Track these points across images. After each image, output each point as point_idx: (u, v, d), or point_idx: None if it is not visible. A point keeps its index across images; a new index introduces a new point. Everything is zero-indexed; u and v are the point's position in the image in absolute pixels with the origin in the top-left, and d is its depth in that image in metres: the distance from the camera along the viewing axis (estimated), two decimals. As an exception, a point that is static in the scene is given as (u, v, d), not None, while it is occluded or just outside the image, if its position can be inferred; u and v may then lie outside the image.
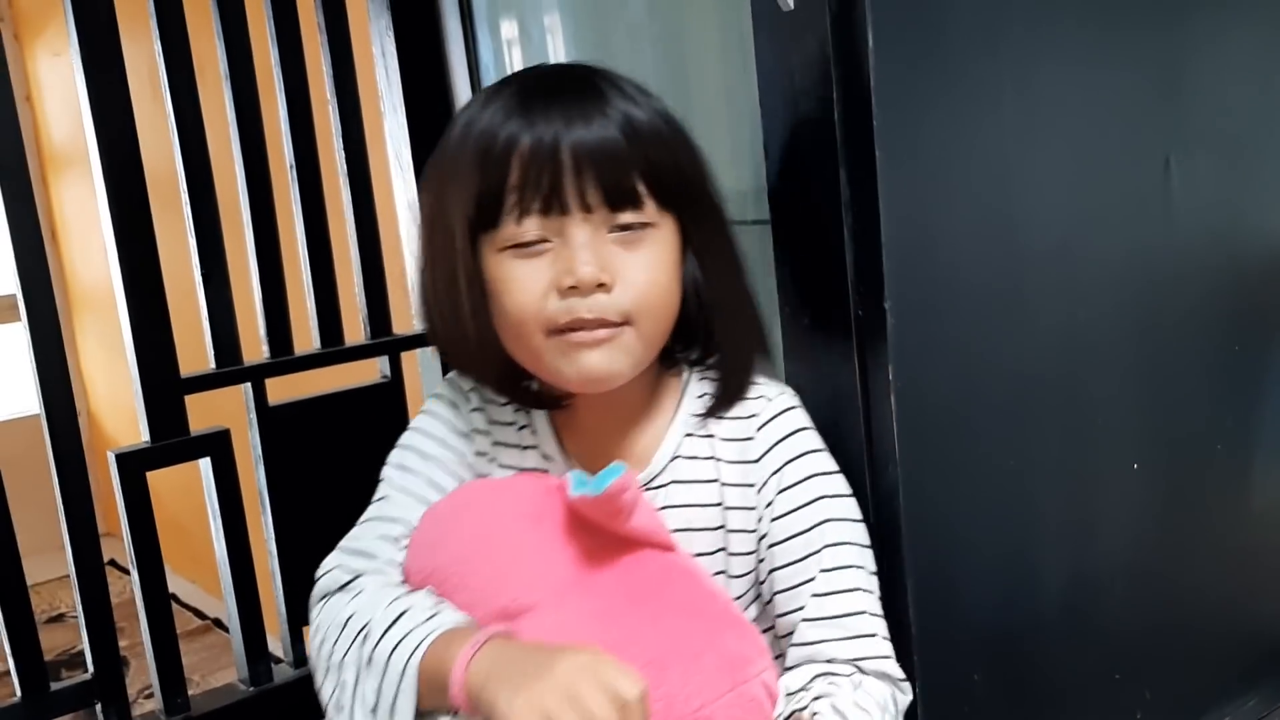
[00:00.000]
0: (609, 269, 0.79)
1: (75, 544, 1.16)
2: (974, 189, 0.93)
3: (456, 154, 0.82)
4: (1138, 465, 1.06)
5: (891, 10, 0.85)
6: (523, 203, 0.79)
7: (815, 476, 0.86)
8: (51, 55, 3.23)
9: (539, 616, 0.78)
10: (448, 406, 0.91)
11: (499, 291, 0.81)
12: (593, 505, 0.78)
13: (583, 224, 0.79)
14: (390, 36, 1.37)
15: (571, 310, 0.79)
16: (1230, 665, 1.19)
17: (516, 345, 0.83)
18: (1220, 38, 1.09)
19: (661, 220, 0.82)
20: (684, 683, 0.77)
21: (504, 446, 0.90)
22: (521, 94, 0.81)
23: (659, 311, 0.82)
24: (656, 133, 0.81)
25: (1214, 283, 1.11)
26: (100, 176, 1.15)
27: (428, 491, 0.88)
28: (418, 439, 0.90)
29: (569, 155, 0.78)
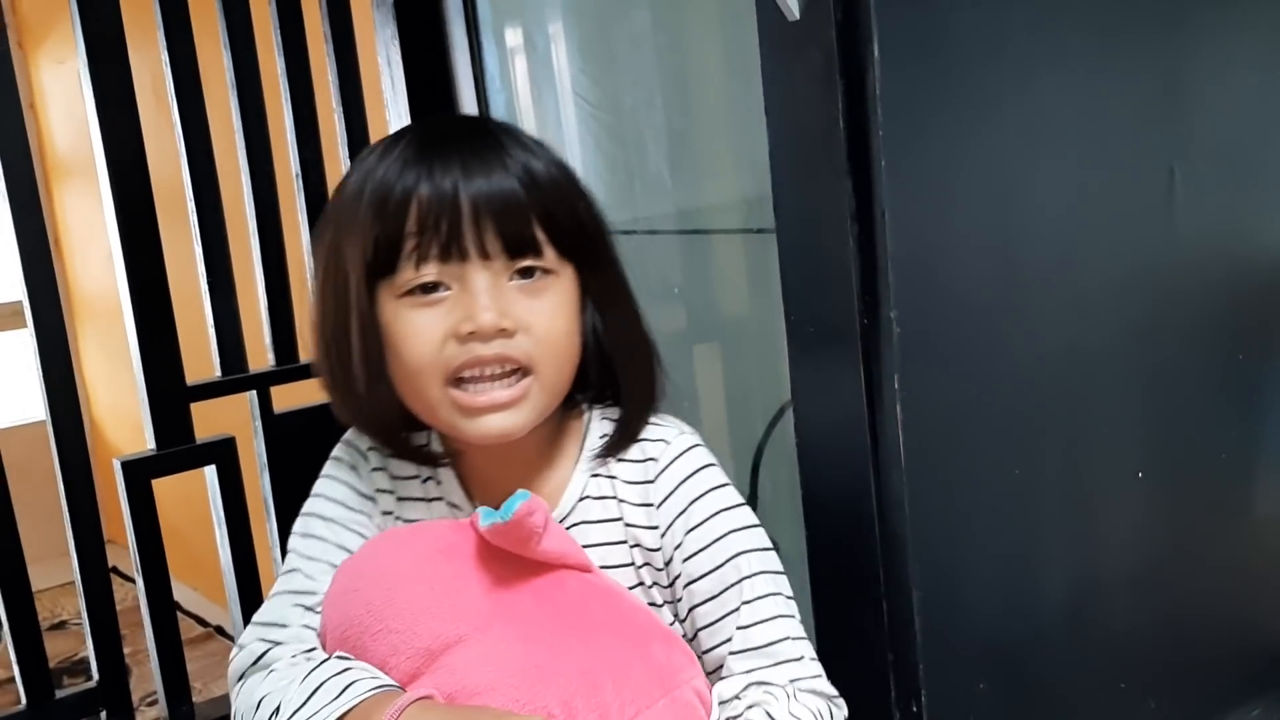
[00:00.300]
0: (510, 315, 0.79)
1: (80, 551, 1.16)
2: (978, 198, 0.93)
3: (352, 204, 0.81)
4: (1142, 474, 1.06)
5: (896, 20, 0.86)
6: (421, 248, 0.78)
7: (721, 512, 0.84)
8: (54, 63, 3.24)
9: (465, 649, 0.77)
10: (347, 470, 0.89)
11: (396, 340, 0.80)
12: (504, 532, 0.78)
13: (482, 270, 0.79)
14: (395, 45, 1.37)
15: (470, 352, 0.78)
16: (1235, 674, 1.19)
17: (414, 396, 0.82)
18: (1223, 48, 1.10)
19: (561, 269, 0.82)
20: (617, 693, 0.76)
21: (409, 501, 0.89)
22: (420, 144, 0.81)
23: (560, 359, 0.82)
24: (554, 183, 0.81)
25: (1217, 291, 1.12)
26: (107, 184, 1.15)
27: (337, 557, 0.85)
28: (321, 505, 0.88)
29: (468, 204, 0.78)
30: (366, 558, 0.84)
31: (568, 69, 1.35)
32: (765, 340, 1.19)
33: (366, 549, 0.85)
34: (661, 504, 0.85)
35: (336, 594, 0.83)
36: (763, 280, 1.15)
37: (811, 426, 0.97)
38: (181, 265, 1.22)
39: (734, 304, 1.27)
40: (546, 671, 0.76)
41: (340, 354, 0.82)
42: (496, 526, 0.77)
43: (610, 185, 1.35)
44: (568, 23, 1.33)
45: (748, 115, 1.02)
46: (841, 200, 0.88)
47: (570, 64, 1.33)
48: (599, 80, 1.32)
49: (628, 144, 1.31)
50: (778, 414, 1.18)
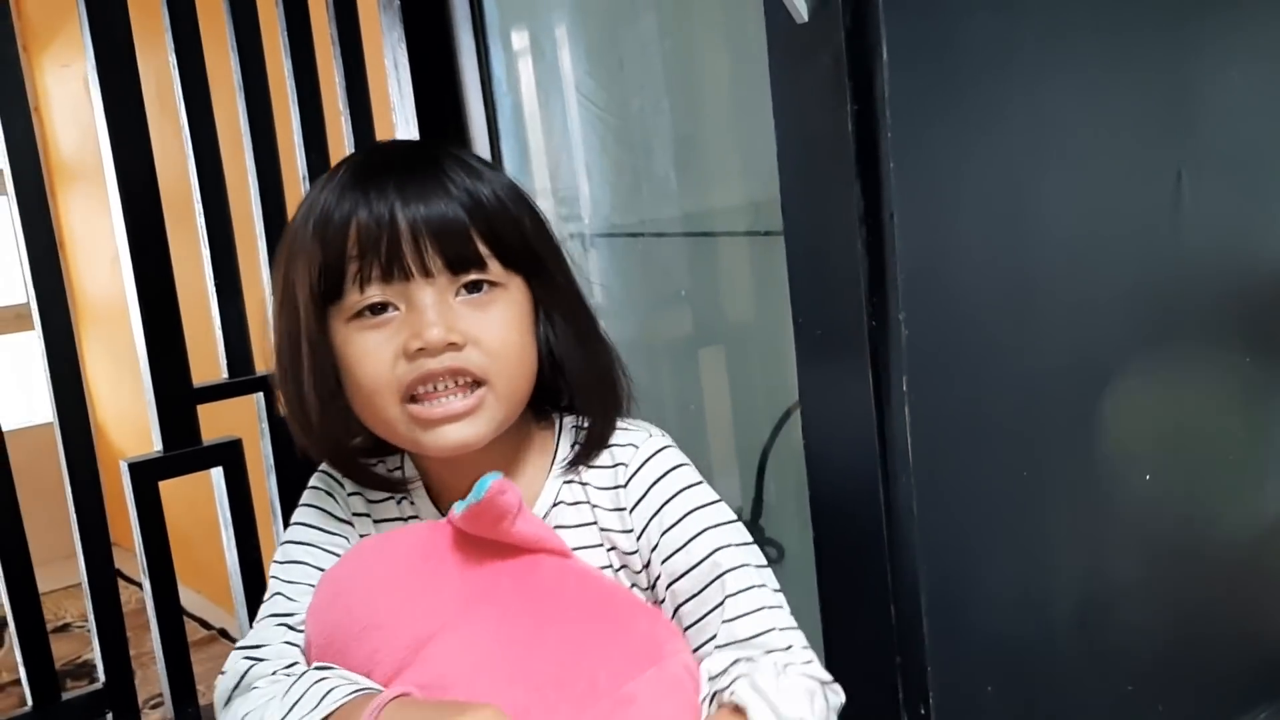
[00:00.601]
0: (457, 330, 0.80)
1: (87, 553, 1.16)
2: (986, 201, 0.93)
3: (300, 231, 0.83)
4: (1150, 477, 1.06)
5: (905, 24, 0.86)
6: (362, 270, 0.79)
7: (695, 511, 0.85)
8: (60, 67, 3.24)
9: (444, 640, 0.78)
10: (323, 496, 0.91)
11: (350, 363, 0.82)
12: (477, 514, 0.79)
13: (426, 287, 0.80)
14: (403, 49, 1.38)
15: (421, 367, 0.79)
16: (1244, 678, 1.18)
17: (372, 417, 0.83)
18: (1231, 54, 1.10)
19: (509, 281, 0.83)
20: (604, 664, 0.77)
21: (387, 523, 0.90)
22: (357, 171, 0.82)
23: (513, 370, 0.83)
24: (496, 200, 0.82)
25: (1225, 295, 1.12)
26: (114, 188, 1.15)
27: (316, 578, 0.87)
28: (298, 532, 0.90)
29: (405, 224, 0.79)
30: (346, 565, 0.86)
31: (575, 72, 1.35)
32: (772, 343, 1.19)
33: (346, 558, 0.87)
34: (634, 508, 0.86)
35: (318, 605, 0.85)
36: (770, 283, 1.15)
37: (819, 430, 0.97)
38: (188, 268, 1.22)
39: (741, 307, 1.27)
40: (529, 652, 0.77)
41: (294, 381, 0.84)
42: (471, 509, 0.78)
43: (617, 188, 1.35)
44: (575, 26, 1.34)
45: (755, 118, 1.02)
46: (850, 203, 0.88)
47: (577, 67, 1.33)
48: (606, 83, 1.32)
49: (635, 147, 1.31)
50: (784, 417, 1.18)
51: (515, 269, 0.83)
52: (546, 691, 0.76)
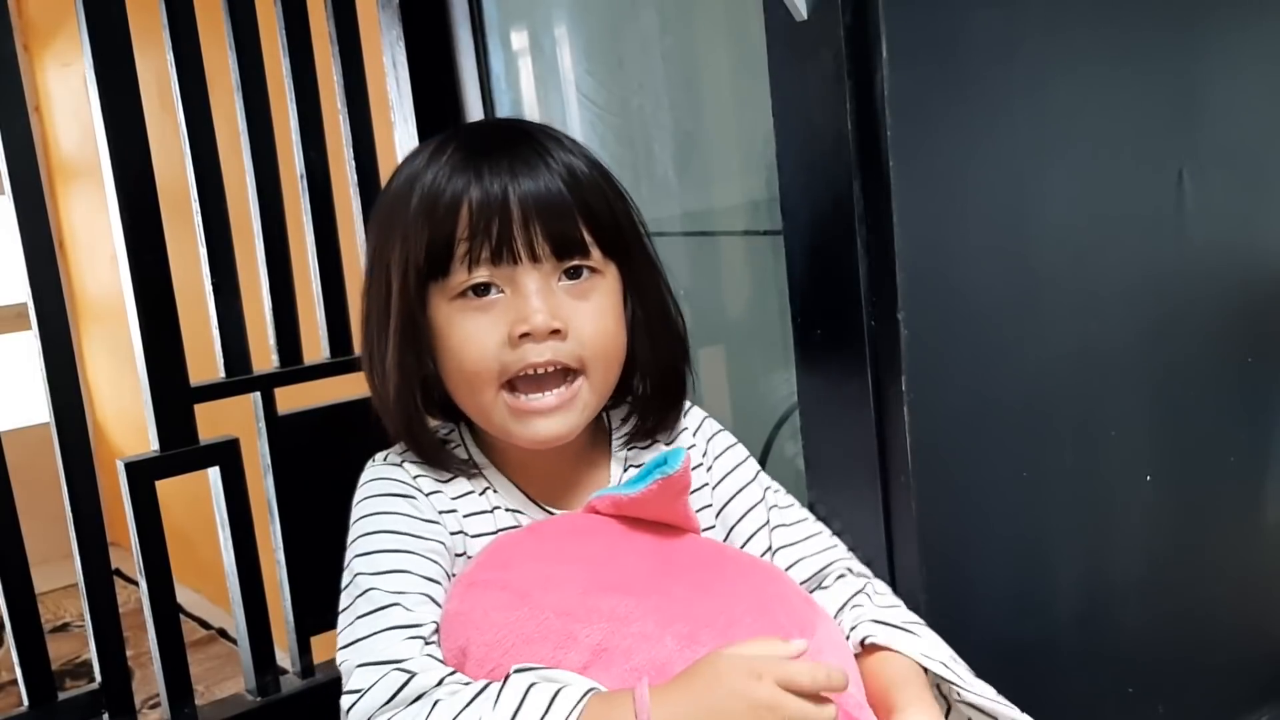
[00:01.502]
0: (561, 316, 0.80)
1: (84, 553, 1.16)
2: (987, 201, 0.93)
3: (401, 208, 0.83)
4: (1151, 477, 1.06)
5: (905, 21, 0.85)
6: (472, 251, 0.80)
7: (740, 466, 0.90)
8: (60, 66, 3.24)
9: (643, 616, 0.75)
10: (402, 501, 0.85)
11: (451, 343, 0.82)
12: (666, 486, 0.78)
13: (532, 272, 0.80)
14: (401, 47, 1.37)
15: (523, 357, 0.80)
16: (1244, 679, 1.18)
17: (468, 399, 0.83)
18: (1233, 52, 1.09)
19: (606, 268, 0.84)
20: (788, 618, 0.78)
21: (473, 516, 0.87)
22: (467, 150, 0.82)
23: (610, 358, 0.84)
24: (595, 184, 0.83)
25: (1227, 294, 1.11)
26: (112, 187, 1.15)
27: (427, 587, 0.81)
28: (389, 540, 0.83)
29: (517, 206, 0.79)
30: (497, 567, 0.80)
31: (574, 70, 1.35)
32: (772, 342, 1.18)
33: (488, 559, 0.82)
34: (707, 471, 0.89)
35: (470, 610, 0.78)
36: (770, 282, 1.15)
37: (819, 429, 0.97)
38: (186, 266, 1.22)
39: (741, 306, 1.27)
40: (723, 611, 0.77)
41: (379, 356, 0.83)
42: (660, 482, 0.78)
43: (616, 187, 1.35)
44: (574, 24, 1.33)
45: (755, 117, 1.02)
46: (850, 202, 0.88)
47: (576, 65, 1.33)
48: (605, 82, 1.32)
49: (634, 145, 1.30)
50: (784, 417, 1.18)
51: (611, 255, 0.84)
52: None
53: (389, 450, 0.90)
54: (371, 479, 0.88)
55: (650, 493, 0.78)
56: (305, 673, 1.29)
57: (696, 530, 0.85)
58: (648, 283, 0.87)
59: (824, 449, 0.97)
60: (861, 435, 0.92)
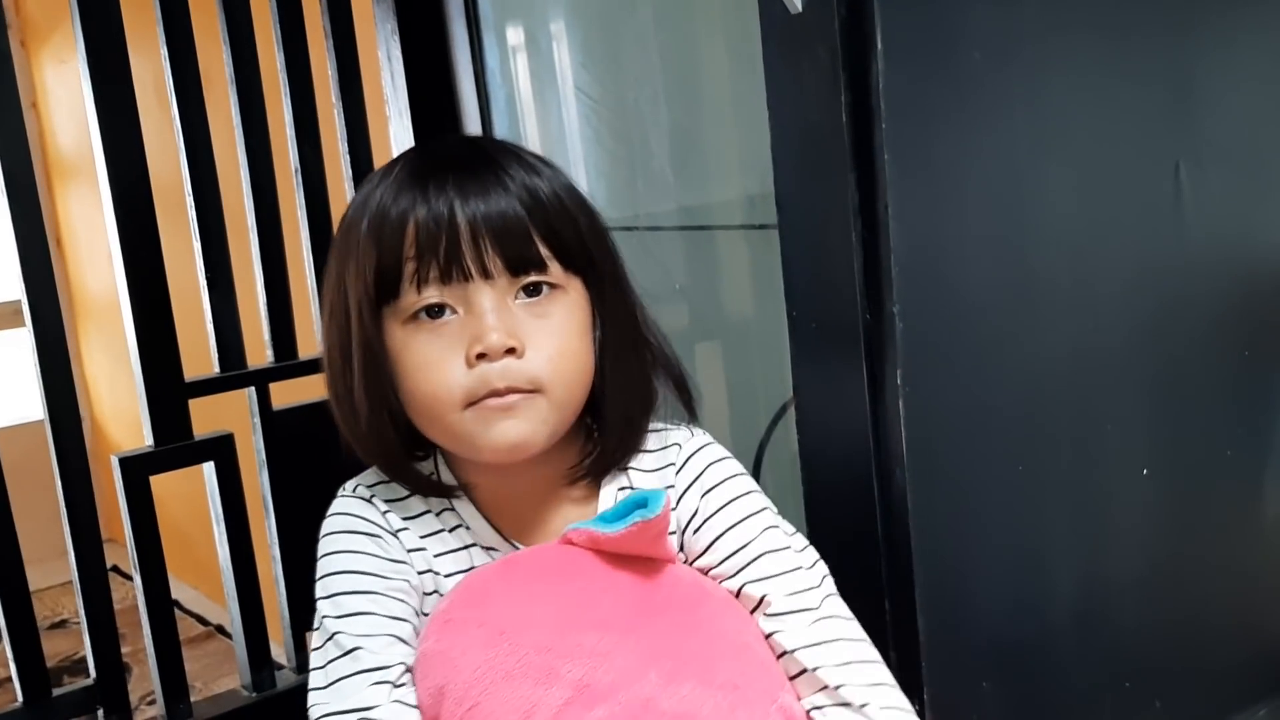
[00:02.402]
0: (517, 335, 0.78)
1: (78, 550, 1.15)
2: (983, 195, 0.92)
3: (353, 233, 0.81)
4: (1148, 471, 1.05)
5: (900, 14, 0.85)
6: (420, 270, 0.77)
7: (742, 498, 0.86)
8: (58, 62, 3.24)
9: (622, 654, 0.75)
10: (367, 540, 0.83)
11: (407, 368, 0.79)
12: (645, 528, 0.76)
13: (485, 289, 0.78)
14: (396, 42, 1.37)
15: (484, 379, 0.77)
16: (1242, 675, 1.18)
17: (430, 423, 0.81)
18: (1231, 48, 1.09)
19: (569, 284, 0.81)
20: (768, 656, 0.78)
21: (445, 555, 0.85)
22: (414, 168, 0.80)
23: (571, 377, 0.81)
24: (556, 199, 0.81)
25: (1224, 290, 1.11)
26: (106, 182, 1.15)
27: (394, 627, 0.80)
28: (354, 581, 0.82)
29: (465, 224, 0.77)
30: (469, 605, 0.80)
31: (569, 64, 1.34)
32: (768, 337, 1.18)
33: (463, 596, 0.81)
34: (680, 499, 0.86)
35: (447, 649, 0.78)
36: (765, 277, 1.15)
37: (814, 424, 0.96)
38: (181, 261, 1.22)
39: (736, 301, 1.27)
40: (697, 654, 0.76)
41: (344, 385, 0.82)
42: (639, 525, 0.76)
43: (612, 181, 1.35)
44: (569, 18, 1.33)
45: (750, 110, 1.02)
46: (845, 196, 0.88)
47: (572, 59, 1.32)
48: (601, 76, 1.31)
49: (630, 140, 1.30)
50: (780, 412, 1.17)
51: (574, 271, 0.81)
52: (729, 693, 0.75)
53: (360, 479, 0.88)
54: (338, 513, 0.86)
55: (628, 535, 0.77)
56: (301, 668, 1.29)
57: (673, 561, 0.83)
58: (617, 302, 0.84)
59: (820, 443, 0.97)
60: (857, 430, 0.92)
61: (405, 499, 0.86)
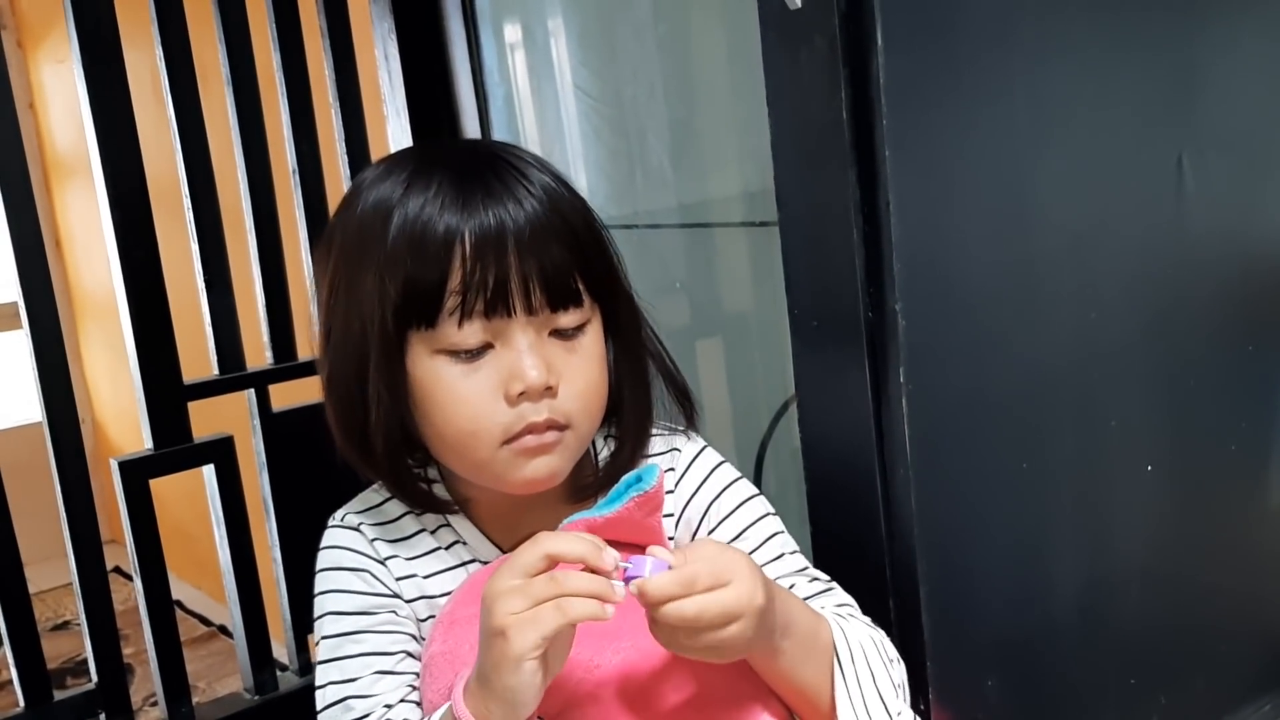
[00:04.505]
0: (554, 371, 0.77)
1: (78, 552, 1.15)
2: (985, 188, 0.92)
3: (373, 237, 0.77)
4: (1151, 467, 1.05)
5: (900, 9, 0.84)
6: (466, 303, 0.75)
7: (748, 502, 0.87)
8: (54, 62, 3.23)
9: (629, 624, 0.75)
10: (352, 577, 0.84)
11: (439, 403, 0.77)
12: (643, 502, 0.76)
13: (526, 327, 0.77)
14: (393, 39, 1.36)
15: (522, 416, 0.77)
16: (1246, 670, 1.17)
17: (458, 457, 0.80)
18: (1233, 36, 1.08)
19: (593, 313, 0.81)
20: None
21: (437, 576, 0.85)
22: (453, 180, 0.77)
23: (595, 410, 0.82)
24: (588, 227, 0.80)
25: (1227, 281, 1.10)
26: (102, 183, 1.14)
27: (383, 662, 0.82)
28: (342, 623, 0.83)
29: (515, 260, 0.75)
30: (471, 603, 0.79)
31: (567, 62, 1.34)
32: (769, 335, 1.18)
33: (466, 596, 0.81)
34: (685, 507, 0.86)
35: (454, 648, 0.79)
36: (766, 274, 1.14)
37: (816, 421, 0.96)
38: (178, 263, 1.21)
39: (737, 298, 1.26)
40: None
41: (359, 405, 0.79)
42: (636, 499, 0.75)
43: (611, 179, 1.34)
44: (567, 15, 1.32)
45: (750, 106, 1.01)
46: (845, 192, 0.87)
47: (570, 56, 1.32)
48: (599, 72, 1.31)
49: (629, 137, 1.30)
50: (782, 409, 1.17)
51: (597, 297, 0.81)
52: None
53: (349, 506, 0.88)
54: (327, 547, 0.86)
55: (626, 510, 0.77)
56: (303, 670, 1.29)
57: (665, 544, 0.82)
58: (628, 323, 0.84)
59: (822, 440, 0.96)
60: (860, 426, 0.91)
61: (398, 519, 0.86)
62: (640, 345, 0.86)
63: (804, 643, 0.76)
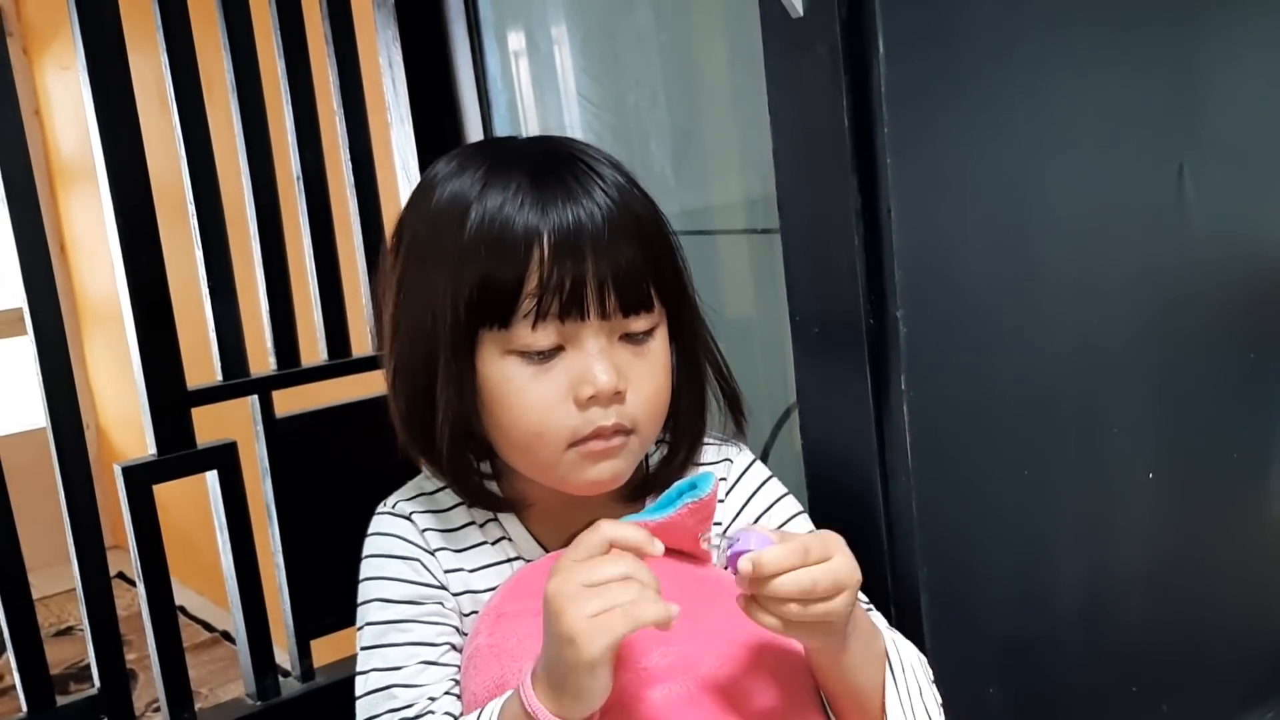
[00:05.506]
0: (623, 376, 0.78)
1: (81, 557, 1.15)
2: (986, 196, 0.92)
3: (448, 232, 0.77)
4: (1153, 475, 1.05)
5: (902, 17, 0.85)
6: (542, 304, 0.75)
7: (795, 517, 0.87)
8: (60, 69, 3.24)
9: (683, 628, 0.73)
10: (403, 565, 0.84)
11: (508, 403, 0.78)
12: (696, 509, 0.76)
13: (598, 332, 0.77)
14: (397, 47, 1.37)
15: (591, 421, 0.77)
16: (1249, 676, 1.17)
17: (523, 456, 0.80)
18: (1234, 44, 1.08)
19: (660, 318, 0.81)
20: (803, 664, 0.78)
21: (482, 570, 0.85)
22: (532, 180, 0.76)
23: (659, 416, 0.82)
24: (660, 233, 0.81)
25: (1228, 289, 1.10)
26: (107, 189, 1.15)
27: (429, 653, 0.82)
28: (389, 610, 0.83)
29: (592, 264, 0.75)
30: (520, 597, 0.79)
31: (570, 69, 1.34)
32: (770, 341, 1.18)
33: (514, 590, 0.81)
34: (735, 518, 0.86)
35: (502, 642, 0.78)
36: (768, 281, 1.14)
37: (817, 428, 0.96)
38: (182, 268, 1.22)
39: (738, 305, 1.26)
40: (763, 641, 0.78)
41: (424, 399, 0.79)
42: (690, 506, 0.75)
43: (614, 186, 1.34)
44: (570, 22, 1.33)
45: (752, 114, 1.01)
46: (847, 199, 0.87)
47: (573, 63, 1.32)
48: (601, 80, 1.31)
49: (631, 144, 1.30)
50: (783, 416, 1.17)
51: (666, 304, 0.81)
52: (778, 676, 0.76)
53: (400, 494, 0.87)
54: (377, 533, 0.86)
55: (680, 516, 0.76)
56: (305, 676, 1.29)
57: (708, 560, 0.83)
58: (692, 327, 0.84)
59: (824, 447, 0.96)
60: (861, 433, 0.91)
61: (449, 510, 0.86)
62: (700, 351, 0.86)
63: (866, 644, 0.76)
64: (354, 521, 0.90)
